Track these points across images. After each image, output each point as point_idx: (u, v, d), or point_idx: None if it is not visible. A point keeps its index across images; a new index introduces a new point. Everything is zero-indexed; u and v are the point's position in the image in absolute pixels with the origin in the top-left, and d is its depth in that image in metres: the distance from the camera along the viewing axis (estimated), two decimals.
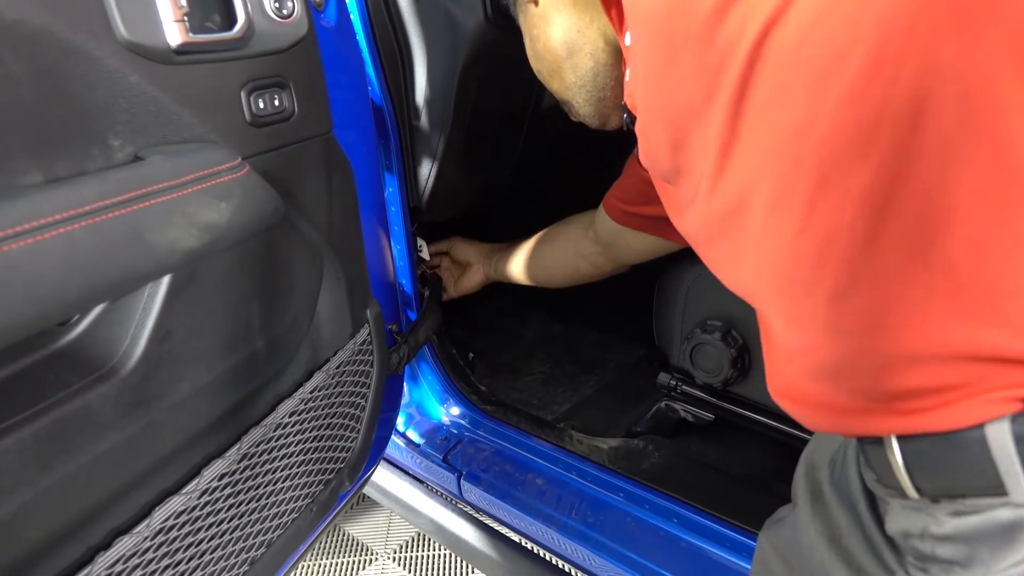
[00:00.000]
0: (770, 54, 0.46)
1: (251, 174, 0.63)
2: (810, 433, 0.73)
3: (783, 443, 1.13)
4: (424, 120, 1.21)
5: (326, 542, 1.76)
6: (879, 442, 0.52)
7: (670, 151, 0.59)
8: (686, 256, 1.18)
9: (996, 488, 0.46)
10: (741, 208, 0.54)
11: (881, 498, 0.56)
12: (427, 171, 1.25)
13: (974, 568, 0.49)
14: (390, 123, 1.18)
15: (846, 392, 0.53)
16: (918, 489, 0.50)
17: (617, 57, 0.80)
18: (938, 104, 0.41)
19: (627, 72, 0.70)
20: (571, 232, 1.27)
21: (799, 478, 0.70)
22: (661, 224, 1.00)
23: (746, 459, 1.24)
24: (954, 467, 0.48)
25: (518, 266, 1.37)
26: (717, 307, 1.13)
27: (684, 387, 1.24)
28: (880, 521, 0.57)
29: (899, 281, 0.46)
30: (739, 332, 1.11)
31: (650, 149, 0.64)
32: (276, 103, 0.67)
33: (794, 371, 0.58)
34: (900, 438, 0.50)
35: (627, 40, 0.68)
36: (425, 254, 1.51)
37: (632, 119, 0.69)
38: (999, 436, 0.45)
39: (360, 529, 1.79)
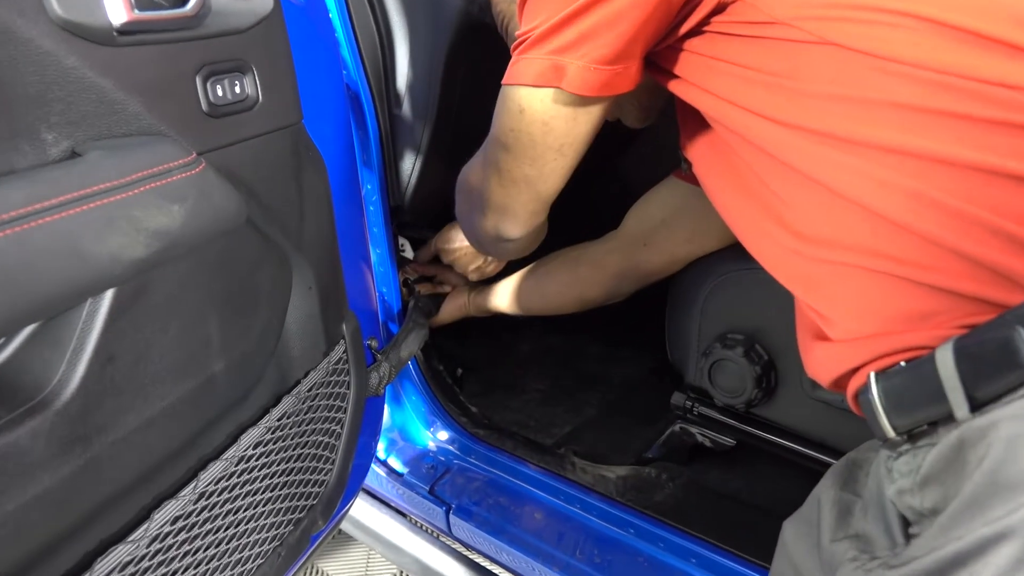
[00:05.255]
0: None
1: (208, 172, 0.61)
2: (838, 457, 0.80)
3: (813, 471, 1.12)
4: (406, 108, 1.21)
5: None
6: (867, 392, 0.64)
7: None
8: (703, 262, 1.18)
9: (946, 412, 0.57)
10: None
11: (890, 473, 0.66)
12: (410, 166, 1.25)
13: (948, 502, 0.57)
14: (368, 112, 1.18)
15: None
16: (895, 429, 0.62)
17: None
18: None
19: None
20: (578, 250, 1.33)
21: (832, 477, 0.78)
22: None
23: (772, 490, 1.23)
24: (916, 397, 0.60)
25: (504, 293, 1.40)
26: (739, 318, 1.13)
27: (701, 409, 1.24)
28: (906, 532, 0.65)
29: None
30: (764, 347, 1.11)
31: None
32: (237, 90, 0.66)
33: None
34: (877, 375, 0.64)
35: None
36: (408, 254, 1.50)
37: None
38: (944, 357, 0.57)
39: (335, 568, 1.78)
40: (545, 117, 0.82)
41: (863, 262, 0.65)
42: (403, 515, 1.42)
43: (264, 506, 0.81)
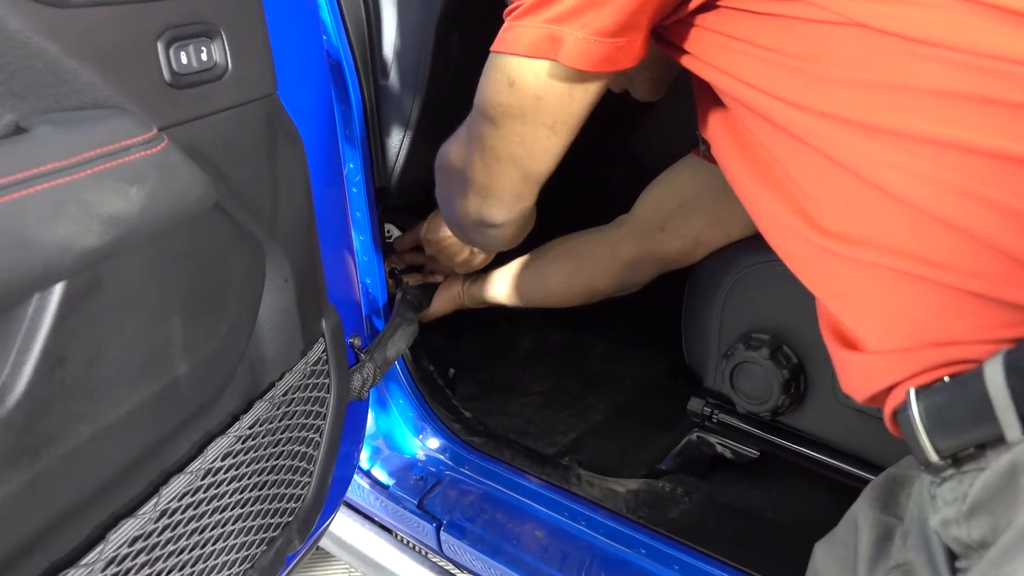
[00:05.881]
0: None
1: (171, 149, 0.61)
2: (875, 472, 0.83)
3: (847, 487, 1.12)
4: (394, 78, 1.20)
5: None
6: (906, 410, 0.64)
7: None
8: (725, 252, 1.18)
9: (996, 434, 0.57)
10: None
11: (933, 501, 0.66)
12: (397, 143, 1.24)
13: (999, 535, 0.56)
14: (351, 82, 1.18)
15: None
16: (938, 452, 0.62)
17: None
18: None
19: None
20: (585, 235, 1.33)
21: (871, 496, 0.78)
22: None
23: (800, 507, 1.24)
24: (962, 417, 0.60)
25: (502, 283, 1.40)
26: (765, 316, 1.13)
27: (721, 416, 1.24)
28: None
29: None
30: (792, 348, 1.10)
31: None
32: (203, 57, 0.66)
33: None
34: (918, 392, 0.63)
35: None
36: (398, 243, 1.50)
37: None
38: (994, 373, 0.57)
39: None
40: (538, 91, 0.82)
41: (898, 264, 0.64)
42: (389, 531, 1.43)
43: (234, 524, 0.80)
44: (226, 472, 0.78)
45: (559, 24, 0.75)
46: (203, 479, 0.75)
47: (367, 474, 1.41)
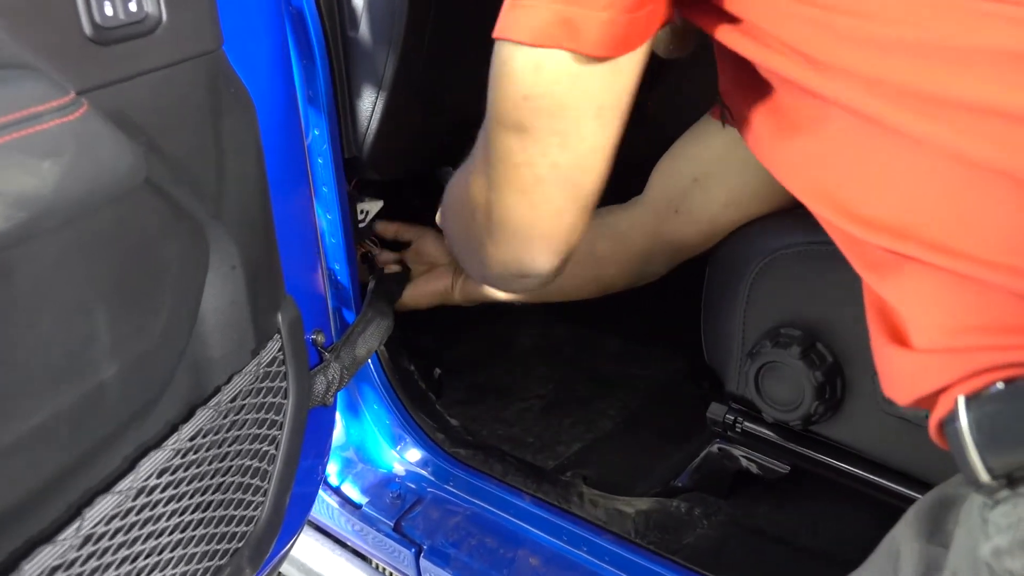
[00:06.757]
0: None
1: (91, 116, 0.60)
2: (924, 490, 0.82)
3: (889, 506, 1.11)
4: (365, 30, 1.20)
5: None
6: (953, 422, 0.64)
7: None
8: (749, 235, 1.17)
9: None
10: None
11: (985, 525, 0.66)
12: (369, 106, 1.24)
13: None
14: (314, 34, 1.16)
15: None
16: (989, 470, 0.62)
17: None
18: None
19: None
20: (596, 218, 1.29)
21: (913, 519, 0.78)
22: None
23: (836, 530, 1.24)
24: (1015, 430, 0.61)
25: None
26: (795, 308, 1.13)
27: (746, 424, 1.23)
28: None
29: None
30: (827, 346, 1.10)
31: None
32: (132, 7, 0.65)
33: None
34: (968, 400, 0.63)
35: None
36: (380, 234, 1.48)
37: None
38: None
39: None
40: (573, 70, 0.75)
41: (941, 262, 0.65)
42: (362, 558, 1.43)
43: (172, 551, 0.80)
44: (162, 491, 0.78)
45: (571, 4, 0.70)
46: (135, 499, 0.75)
47: (336, 491, 1.41)
